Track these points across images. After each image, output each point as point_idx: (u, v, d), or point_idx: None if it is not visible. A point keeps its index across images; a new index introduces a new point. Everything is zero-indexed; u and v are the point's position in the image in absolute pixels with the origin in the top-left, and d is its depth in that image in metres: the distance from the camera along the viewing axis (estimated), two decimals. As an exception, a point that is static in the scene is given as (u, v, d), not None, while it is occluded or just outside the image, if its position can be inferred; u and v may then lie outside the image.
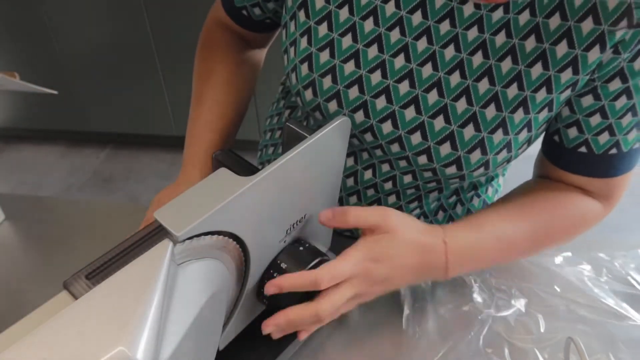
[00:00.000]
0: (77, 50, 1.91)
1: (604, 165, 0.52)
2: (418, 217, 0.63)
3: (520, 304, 0.54)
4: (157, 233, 0.35)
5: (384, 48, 0.50)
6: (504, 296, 0.55)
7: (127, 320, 0.26)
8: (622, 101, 0.48)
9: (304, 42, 0.53)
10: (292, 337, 0.47)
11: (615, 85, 0.47)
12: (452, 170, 0.52)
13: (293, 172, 0.38)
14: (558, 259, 0.59)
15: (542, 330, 0.52)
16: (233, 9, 0.63)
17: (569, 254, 0.60)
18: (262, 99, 1.79)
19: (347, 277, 0.44)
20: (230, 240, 0.35)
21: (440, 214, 0.65)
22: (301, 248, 0.44)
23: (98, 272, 0.33)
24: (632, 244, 0.62)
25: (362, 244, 0.45)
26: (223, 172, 0.35)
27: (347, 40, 0.51)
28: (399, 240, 0.46)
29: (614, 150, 0.51)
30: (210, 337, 0.39)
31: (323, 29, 0.52)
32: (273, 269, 0.42)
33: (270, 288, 0.42)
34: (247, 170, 0.37)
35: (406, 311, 0.54)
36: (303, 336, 0.46)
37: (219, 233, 0.34)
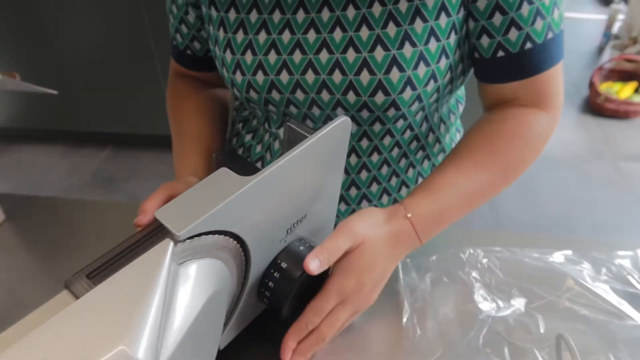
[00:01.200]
0: (77, 50, 1.90)
1: (527, 63, 0.54)
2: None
3: (519, 303, 0.54)
4: (157, 232, 0.35)
5: (281, 50, 0.56)
6: (503, 296, 0.55)
7: (127, 320, 0.26)
8: None
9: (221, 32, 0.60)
10: None
11: None
12: (392, 112, 0.56)
13: (294, 172, 0.38)
14: (558, 259, 0.59)
15: (541, 330, 0.52)
16: (180, 55, 0.71)
17: (569, 253, 0.60)
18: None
19: (333, 306, 0.47)
20: (231, 239, 0.35)
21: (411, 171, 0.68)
22: (301, 247, 0.44)
23: (99, 272, 0.33)
24: (632, 244, 0.62)
25: (336, 274, 0.47)
26: (224, 171, 0.35)
27: (240, 36, 0.58)
28: (370, 246, 0.48)
29: (529, 45, 0.53)
30: (211, 336, 0.38)
31: (239, 35, 0.58)
32: (273, 269, 0.42)
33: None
34: (247, 170, 0.37)
35: (406, 311, 0.54)
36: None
37: (219, 233, 0.34)
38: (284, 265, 0.43)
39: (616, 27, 2.99)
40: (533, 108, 0.58)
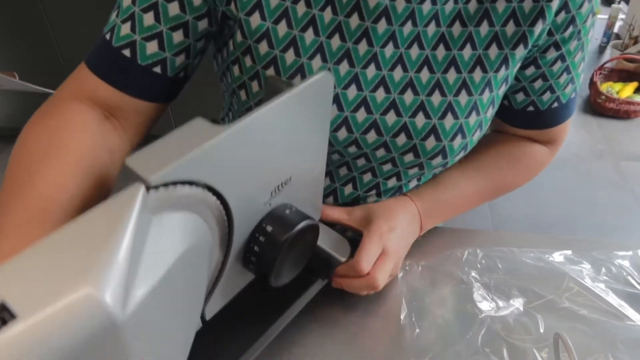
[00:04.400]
0: (77, 50, 1.91)
1: (549, 118, 0.61)
2: None
3: (519, 303, 0.54)
4: (127, 180, 0.31)
5: (327, 56, 0.51)
6: (502, 296, 0.55)
7: (94, 261, 0.24)
8: (558, 65, 0.56)
9: (248, 61, 0.51)
10: (281, 310, 0.49)
11: (551, 54, 0.55)
12: (437, 160, 0.55)
13: (274, 123, 0.37)
14: (558, 258, 0.59)
15: (541, 330, 0.52)
16: (133, 69, 0.49)
17: (569, 253, 0.60)
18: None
19: (380, 253, 0.53)
20: (210, 194, 0.34)
21: None
22: (287, 211, 0.42)
23: None
24: (632, 244, 0.61)
25: (372, 229, 0.53)
26: (198, 121, 0.33)
27: (289, 56, 0.50)
28: (388, 216, 0.56)
29: (555, 104, 0.60)
30: (192, 299, 0.37)
31: (264, 47, 0.50)
32: (258, 233, 0.41)
33: (335, 284, 0.53)
34: None
35: (404, 310, 0.54)
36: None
37: (197, 184, 0.32)
38: (269, 228, 0.41)
39: (617, 27, 2.99)
40: (541, 145, 0.66)
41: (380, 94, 0.52)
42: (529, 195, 1.94)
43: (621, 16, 2.97)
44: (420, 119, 0.53)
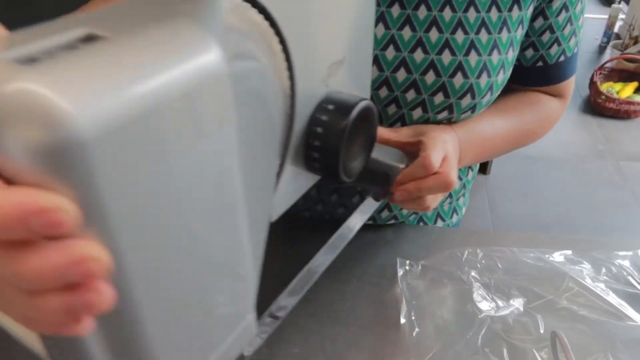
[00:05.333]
0: (77, 50, 1.91)
1: (557, 72, 0.65)
2: None
3: (519, 303, 0.54)
4: None
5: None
6: (502, 296, 0.55)
7: (196, 13, 0.19)
8: (563, 15, 0.60)
9: None
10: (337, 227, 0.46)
11: (557, 2, 0.59)
12: (466, 100, 0.58)
13: None
14: (558, 258, 0.59)
15: (541, 330, 0.52)
16: None
17: (569, 253, 0.60)
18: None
19: (443, 154, 0.52)
20: (276, 40, 0.29)
21: None
22: (346, 93, 0.39)
23: None
24: (632, 244, 0.61)
25: (432, 136, 0.53)
26: None
27: None
28: (439, 129, 0.56)
29: (562, 58, 0.63)
30: (260, 173, 0.30)
31: None
32: (319, 113, 0.37)
33: (401, 193, 0.49)
34: None
35: (404, 310, 0.54)
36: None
37: (269, 19, 0.27)
38: (330, 107, 0.37)
39: (617, 27, 2.99)
40: (553, 98, 0.69)
41: (407, 33, 0.55)
42: (528, 195, 1.94)
43: (621, 16, 2.98)
44: (446, 56, 0.55)
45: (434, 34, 0.55)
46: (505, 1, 0.56)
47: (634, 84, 2.47)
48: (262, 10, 0.26)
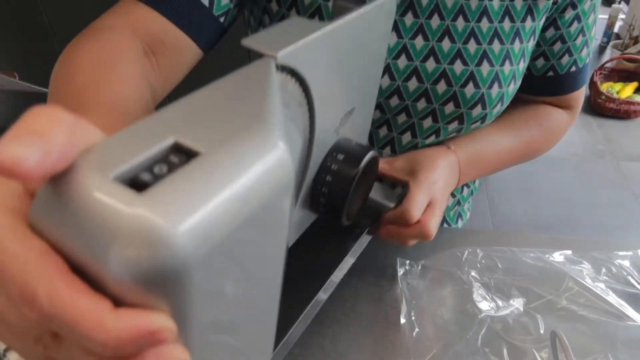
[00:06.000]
0: (77, 50, 1.91)
1: (568, 82, 0.64)
2: None
3: (519, 303, 0.54)
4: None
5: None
6: (502, 296, 0.55)
7: (259, 110, 0.21)
8: (575, 26, 0.59)
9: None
10: (330, 269, 0.47)
11: (569, 13, 0.58)
12: (477, 110, 0.57)
13: (349, 38, 0.36)
14: (558, 258, 0.59)
15: (541, 330, 0.52)
16: (181, 0, 0.50)
17: (569, 253, 0.60)
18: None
19: (428, 200, 0.53)
20: (305, 102, 0.32)
21: None
22: (353, 142, 0.42)
23: None
24: (632, 244, 0.61)
25: (420, 179, 0.54)
26: (297, 18, 0.33)
27: None
28: (432, 166, 0.56)
29: (574, 68, 0.63)
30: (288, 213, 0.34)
31: None
32: (330, 162, 0.39)
33: (384, 233, 0.52)
34: None
35: (404, 310, 0.54)
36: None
37: (300, 81, 0.31)
38: (340, 157, 0.40)
39: (617, 27, 2.99)
40: (561, 110, 0.69)
41: (419, 42, 0.55)
42: (529, 195, 1.94)
43: (621, 16, 2.97)
44: (458, 66, 0.55)
45: (446, 44, 0.54)
46: (519, 11, 0.55)
47: (634, 84, 2.47)
48: (299, 79, 0.30)
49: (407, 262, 0.59)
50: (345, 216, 0.40)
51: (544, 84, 0.65)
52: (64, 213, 0.17)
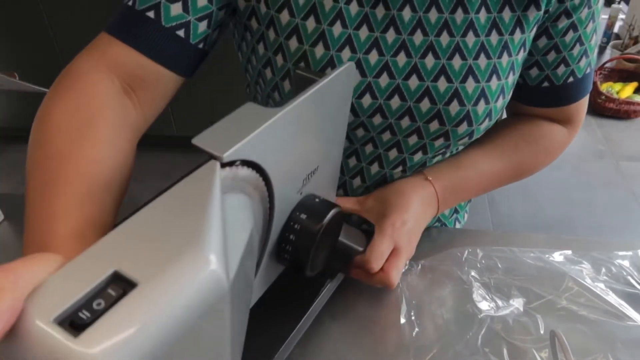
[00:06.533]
0: (77, 50, 1.90)
1: (565, 93, 0.61)
2: None
3: (519, 303, 0.54)
4: (198, 166, 0.31)
5: (356, 48, 0.52)
6: (502, 296, 0.55)
7: (196, 230, 0.24)
8: (570, 35, 0.56)
9: (279, 59, 0.54)
10: (303, 311, 0.51)
11: (563, 22, 0.55)
12: (463, 128, 0.55)
13: (308, 112, 0.38)
14: (558, 258, 0.59)
15: (541, 330, 0.52)
16: (156, 32, 0.48)
17: (569, 253, 0.60)
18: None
19: (390, 248, 0.53)
20: (261, 179, 0.35)
21: None
22: (317, 200, 0.44)
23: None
24: (632, 244, 0.61)
25: (384, 226, 0.54)
26: (250, 105, 0.34)
27: (319, 49, 0.52)
28: (403, 207, 0.56)
29: (571, 79, 0.59)
30: (251, 279, 0.37)
31: (293, 43, 0.52)
32: (293, 221, 0.42)
33: (354, 274, 0.54)
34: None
35: (404, 310, 0.54)
36: None
37: (253, 166, 0.33)
38: (302, 216, 0.42)
39: (617, 27, 2.99)
40: (560, 125, 0.65)
41: (401, 59, 0.53)
42: (528, 195, 1.94)
43: (621, 16, 2.97)
44: (442, 83, 0.53)
45: (429, 60, 0.53)
46: (507, 24, 0.53)
47: (634, 84, 2.47)
48: (254, 166, 0.33)
49: (407, 261, 0.59)
50: (309, 269, 0.43)
51: (540, 95, 0.62)
52: (17, 356, 0.19)
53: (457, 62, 0.53)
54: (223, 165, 0.29)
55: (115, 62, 0.48)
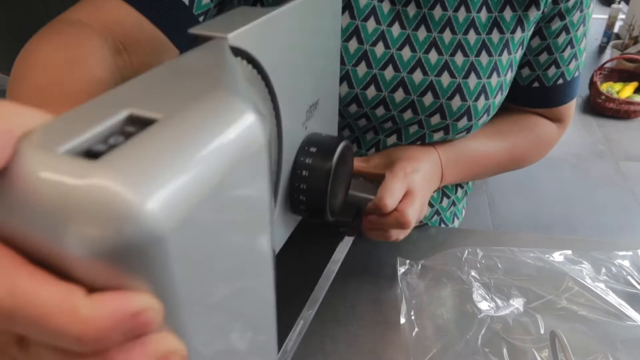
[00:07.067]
0: (77, 50, 1.91)
1: (554, 95, 0.62)
2: None
3: (518, 303, 0.54)
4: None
5: (364, 40, 0.53)
6: (502, 296, 0.55)
7: (222, 79, 0.20)
8: (563, 37, 0.58)
9: None
10: (318, 272, 0.48)
11: (556, 23, 0.57)
12: (463, 122, 0.56)
13: (303, 17, 0.35)
14: (558, 258, 0.59)
15: (541, 330, 0.52)
16: None
17: (569, 253, 0.60)
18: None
19: (404, 188, 0.51)
20: (266, 91, 0.31)
21: None
22: (323, 134, 0.41)
23: None
24: (632, 244, 0.61)
25: (395, 169, 0.53)
26: (244, 7, 0.32)
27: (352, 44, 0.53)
28: (411, 158, 0.55)
29: (560, 81, 0.61)
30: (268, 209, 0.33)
31: None
32: (303, 156, 0.38)
33: (365, 223, 0.51)
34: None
35: (404, 310, 0.54)
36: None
37: (259, 69, 0.30)
38: (312, 149, 0.38)
39: (617, 27, 2.99)
40: (550, 122, 0.67)
41: (406, 53, 0.54)
42: (528, 195, 1.94)
43: (621, 16, 2.98)
44: (445, 78, 0.54)
45: (433, 56, 0.54)
46: (509, 23, 0.54)
47: (634, 84, 2.47)
48: (256, 66, 0.29)
49: (407, 261, 0.59)
50: (328, 211, 0.39)
51: (530, 95, 0.63)
52: (12, 200, 0.14)
53: (459, 58, 0.54)
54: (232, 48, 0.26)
55: (113, 19, 0.45)
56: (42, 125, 0.16)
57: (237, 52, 0.27)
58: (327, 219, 0.40)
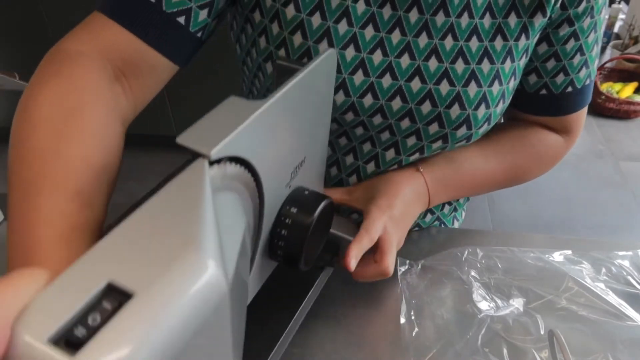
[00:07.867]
0: (77, 50, 1.91)
1: (563, 103, 0.60)
2: None
3: (518, 303, 0.54)
4: (185, 163, 0.30)
5: (361, 47, 0.52)
6: (502, 296, 0.55)
7: (191, 233, 0.23)
8: (571, 43, 0.55)
9: (282, 54, 0.54)
10: (296, 305, 0.50)
11: (564, 30, 0.55)
12: (462, 131, 0.55)
13: (292, 103, 0.37)
14: (558, 258, 0.59)
15: (541, 330, 0.52)
16: (156, 17, 0.46)
17: (569, 253, 0.60)
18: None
19: (383, 225, 0.52)
20: (249, 175, 0.34)
21: None
22: (306, 192, 0.43)
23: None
24: (632, 244, 0.61)
25: (378, 204, 0.54)
26: (234, 99, 0.33)
27: (323, 45, 0.52)
28: (392, 193, 0.56)
29: (569, 89, 0.59)
30: (244, 287, 0.36)
31: (298, 38, 0.52)
32: (284, 216, 0.41)
33: (344, 264, 0.49)
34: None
35: (404, 309, 0.54)
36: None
37: (241, 162, 0.32)
38: (293, 210, 0.41)
39: (617, 27, 2.99)
40: (557, 134, 0.65)
41: (405, 60, 0.53)
42: (528, 195, 1.94)
43: (621, 16, 2.97)
44: (444, 86, 0.53)
45: (433, 63, 0.52)
46: (513, 30, 0.53)
47: (634, 84, 2.47)
48: (242, 162, 0.32)
49: (407, 261, 0.59)
50: (302, 263, 0.42)
51: (538, 102, 0.61)
52: None
53: (460, 66, 0.52)
54: (211, 163, 0.29)
55: (110, 46, 0.46)
56: (33, 305, 0.19)
57: (219, 160, 0.30)
58: (300, 269, 0.43)
